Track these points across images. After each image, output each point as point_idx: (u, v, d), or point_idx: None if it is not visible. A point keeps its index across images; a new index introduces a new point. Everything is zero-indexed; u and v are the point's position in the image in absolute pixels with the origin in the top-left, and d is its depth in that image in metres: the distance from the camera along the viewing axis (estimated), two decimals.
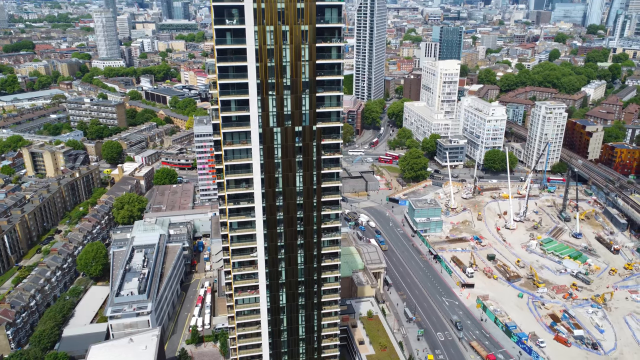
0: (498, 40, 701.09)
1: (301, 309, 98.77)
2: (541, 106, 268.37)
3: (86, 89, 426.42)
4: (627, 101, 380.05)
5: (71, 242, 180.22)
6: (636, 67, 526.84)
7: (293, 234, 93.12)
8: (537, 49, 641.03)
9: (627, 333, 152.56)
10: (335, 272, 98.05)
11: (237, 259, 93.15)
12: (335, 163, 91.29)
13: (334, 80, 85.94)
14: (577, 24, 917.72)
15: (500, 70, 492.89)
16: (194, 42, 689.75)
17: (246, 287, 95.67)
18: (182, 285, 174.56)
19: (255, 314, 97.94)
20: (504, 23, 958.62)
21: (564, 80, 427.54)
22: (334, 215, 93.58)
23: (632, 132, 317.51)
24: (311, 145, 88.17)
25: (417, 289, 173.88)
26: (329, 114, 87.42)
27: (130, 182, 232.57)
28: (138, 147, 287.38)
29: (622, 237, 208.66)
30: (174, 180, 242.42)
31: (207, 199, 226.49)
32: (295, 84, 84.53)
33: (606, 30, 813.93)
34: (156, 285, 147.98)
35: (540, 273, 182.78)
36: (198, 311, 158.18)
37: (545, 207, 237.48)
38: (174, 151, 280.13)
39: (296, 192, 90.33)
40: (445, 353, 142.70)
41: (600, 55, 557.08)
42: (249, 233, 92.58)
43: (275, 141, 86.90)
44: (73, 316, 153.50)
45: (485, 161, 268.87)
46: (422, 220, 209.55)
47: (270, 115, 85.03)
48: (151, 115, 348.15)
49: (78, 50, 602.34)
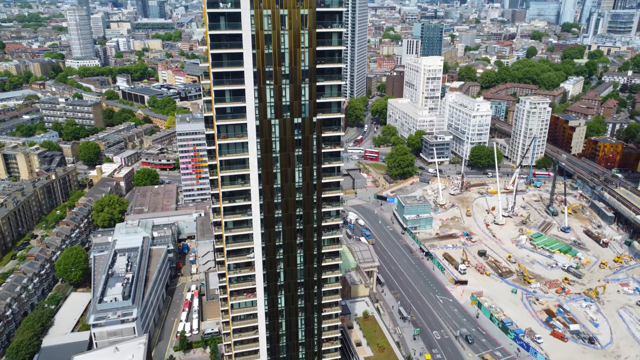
0: (476, 38, 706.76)
1: (301, 311, 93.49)
2: (525, 101, 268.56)
3: (60, 88, 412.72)
4: (605, 96, 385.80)
5: (49, 247, 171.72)
6: (611, 63, 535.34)
7: (292, 233, 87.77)
8: (515, 47, 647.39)
9: (622, 326, 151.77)
10: (336, 272, 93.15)
11: (233, 261, 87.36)
12: (336, 157, 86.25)
13: (335, 68, 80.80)
14: (551, 22, 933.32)
15: (480, 67, 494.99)
16: (170, 41, 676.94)
17: (243, 291, 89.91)
18: (168, 289, 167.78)
19: (252, 319, 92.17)
20: (480, 21, 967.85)
21: (543, 76, 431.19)
22: (334, 213, 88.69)
23: (613, 126, 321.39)
24: (311, 138, 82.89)
25: (410, 287, 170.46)
26: (329, 105, 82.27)
27: (109, 183, 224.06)
28: (117, 148, 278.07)
29: (609, 230, 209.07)
30: (156, 181, 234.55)
31: (190, 199, 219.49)
32: (294, 72, 79.27)
33: (580, 28, 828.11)
34: (141, 290, 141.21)
35: (532, 268, 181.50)
36: (185, 316, 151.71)
37: (533, 202, 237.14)
38: (154, 151, 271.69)
39: (295, 188, 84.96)
40: (442, 352, 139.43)
41: (577, 52, 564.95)
42: (246, 233, 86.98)
43: (273, 134, 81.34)
44: (53, 325, 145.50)
45: (471, 157, 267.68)
46: (411, 217, 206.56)
47: (267, 106, 79.45)
48: (129, 115, 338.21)
49: (51, 50, 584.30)
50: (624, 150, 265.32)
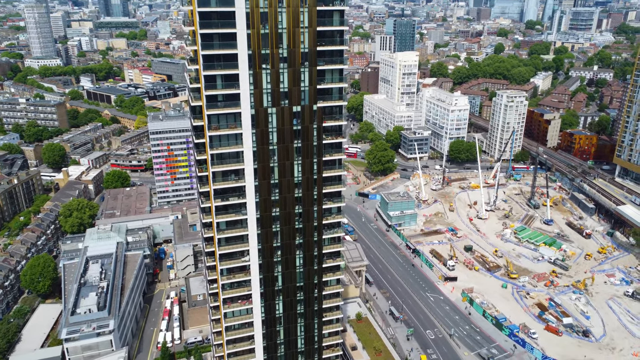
0: (445, 35, 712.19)
1: (300, 317, 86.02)
2: (502, 95, 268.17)
3: (20, 89, 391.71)
4: (575, 91, 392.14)
5: (13, 256, 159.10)
6: (576, 59, 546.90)
7: (291, 233, 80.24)
8: (483, 43, 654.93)
9: (613, 318, 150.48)
10: (337, 273, 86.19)
11: (226, 265, 79.15)
12: (337, 148, 79.00)
13: (337, 50, 73.70)
14: (515, 20, 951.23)
15: (451, 63, 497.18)
16: (136, 40, 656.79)
17: (237, 298, 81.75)
18: (145, 296, 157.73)
19: (247, 328, 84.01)
20: (447, 19, 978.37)
21: (513, 71, 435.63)
22: (335, 209, 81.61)
23: (585, 119, 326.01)
24: (311, 128, 75.51)
25: (399, 285, 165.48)
26: (330, 91, 75.10)
27: (77, 187, 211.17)
28: (83, 150, 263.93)
29: (591, 222, 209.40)
30: (127, 183, 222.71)
31: (165, 201, 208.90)
32: (293, 55, 71.75)
33: (543, 26, 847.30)
34: (117, 299, 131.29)
35: (518, 262, 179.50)
36: (166, 325, 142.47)
37: (514, 195, 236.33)
38: (124, 152, 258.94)
39: (294, 184, 77.52)
40: (437, 352, 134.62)
41: (543, 48, 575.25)
42: (240, 234, 79.01)
43: (270, 124, 73.68)
44: (20, 341, 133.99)
45: (450, 152, 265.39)
46: (395, 213, 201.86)
47: (264, 93, 71.85)
48: (95, 115, 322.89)
49: (8, 50, 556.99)
50: (598, 142, 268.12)
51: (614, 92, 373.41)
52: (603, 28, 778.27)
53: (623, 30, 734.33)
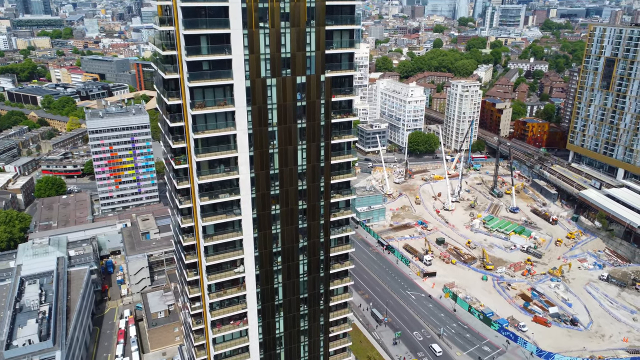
0: (384, 32, 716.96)
1: (303, 335, 71.85)
2: (457, 85, 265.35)
3: None
4: (516, 82, 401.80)
5: None
6: (511, 52, 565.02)
7: (294, 234, 66.11)
8: (422, 39, 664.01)
9: (594, 303, 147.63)
10: (345, 280, 72.85)
11: (215, 280, 63.39)
12: (347, 130, 65.31)
13: (347, 6, 60.10)
14: (448, 17, 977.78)
15: (395, 58, 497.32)
16: (61, 39, 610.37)
17: (228, 318, 66.22)
18: (94, 318, 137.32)
19: (242, 354, 68.67)
20: (383, 17, 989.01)
21: (457, 64, 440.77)
22: (343, 203, 68.07)
23: (531, 108, 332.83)
24: (318, 104, 61.69)
25: (377, 285, 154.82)
26: (338, 58, 61.58)
27: (3, 197, 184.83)
28: (8, 155, 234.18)
29: (555, 208, 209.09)
30: (62, 190, 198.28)
31: (109, 208, 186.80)
32: (296, 10, 57.16)
33: (475, 22, 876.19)
34: (63, 325, 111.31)
35: (492, 252, 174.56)
36: (122, 350, 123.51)
37: (476, 185, 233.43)
38: (56, 157, 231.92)
39: (297, 174, 63.40)
40: (428, 355, 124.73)
41: (479, 42, 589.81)
42: (232, 239, 63.64)
43: (269, 99, 59.37)
44: None
45: (409, 144, 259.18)
46: (363, 209, 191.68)
47: (261, 59, 57.22)
48: (20, 117, 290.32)
49: None
50: (549, 129, 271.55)
51: (552, 82, 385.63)
52: (530, 24, 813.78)
53: (548, 26, 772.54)
